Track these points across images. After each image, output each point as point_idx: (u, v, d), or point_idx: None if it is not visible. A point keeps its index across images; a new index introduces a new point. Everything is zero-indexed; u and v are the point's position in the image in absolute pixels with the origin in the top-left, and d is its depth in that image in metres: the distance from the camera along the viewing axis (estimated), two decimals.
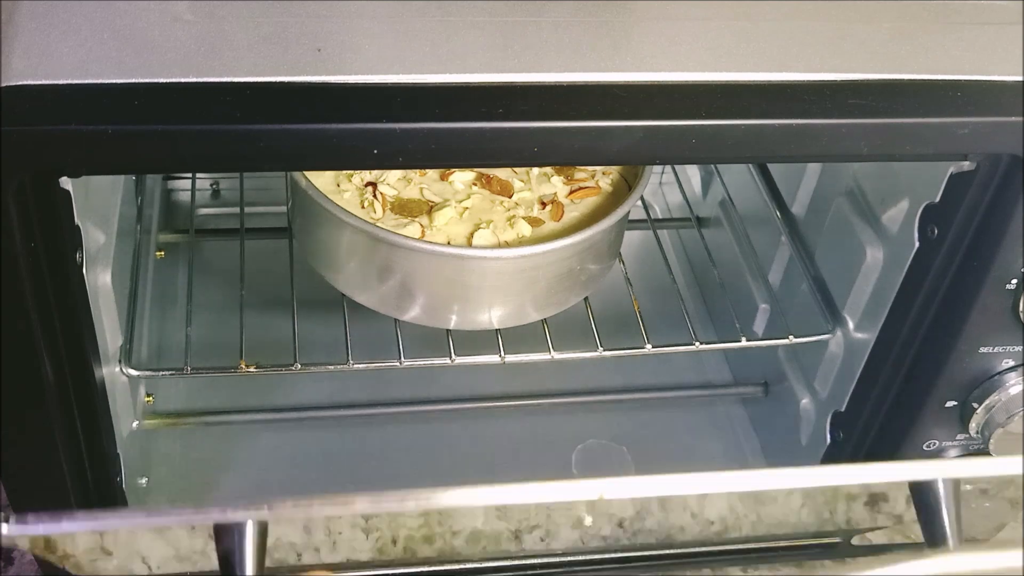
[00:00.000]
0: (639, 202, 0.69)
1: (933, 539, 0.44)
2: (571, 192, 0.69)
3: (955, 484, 0.44)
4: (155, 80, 0.42)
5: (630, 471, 0.78)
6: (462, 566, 0.71)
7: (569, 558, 0.72)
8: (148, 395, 0.75)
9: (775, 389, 0.80)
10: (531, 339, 0.69)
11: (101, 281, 0.58)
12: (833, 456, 0.70)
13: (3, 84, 0.41)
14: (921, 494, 0.45)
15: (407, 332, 0.68)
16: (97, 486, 0.57)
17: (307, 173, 0.64)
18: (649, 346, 0.70)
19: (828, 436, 0.70)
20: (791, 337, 0.70)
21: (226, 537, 0.38)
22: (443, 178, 0.69)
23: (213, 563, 0.40)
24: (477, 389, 0.81)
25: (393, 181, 0.68)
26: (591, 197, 0.69)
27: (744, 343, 0.72)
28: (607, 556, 0.73)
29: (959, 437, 0.63)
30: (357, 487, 0.40)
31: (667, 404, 0.84)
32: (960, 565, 0.42)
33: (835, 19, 0.51)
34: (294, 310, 0.69)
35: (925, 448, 0.64)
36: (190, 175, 0.87)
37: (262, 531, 0.39)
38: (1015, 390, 0.59)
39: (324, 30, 0.46)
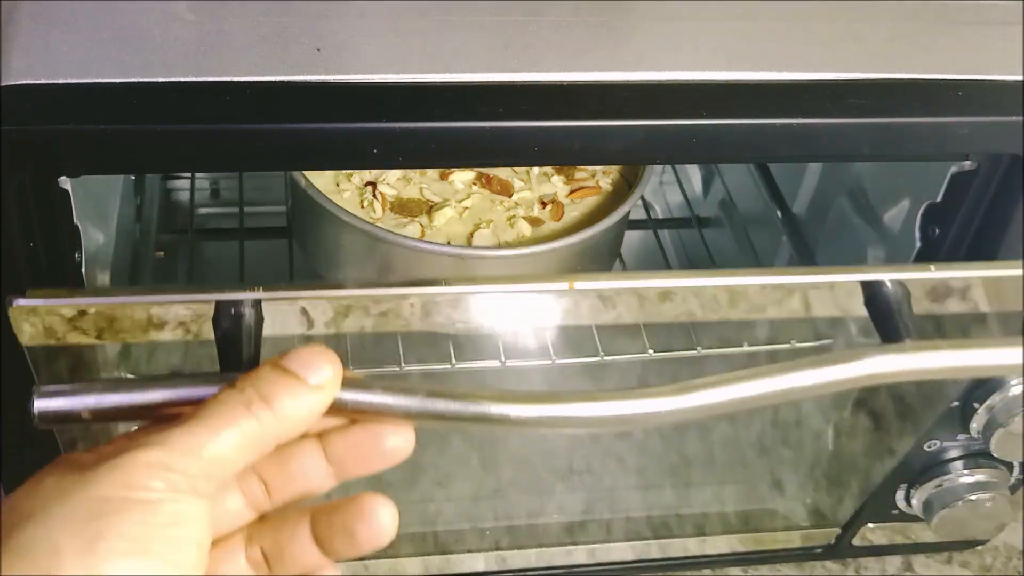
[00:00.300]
0: (639, 202, 0.69)
1: (888, 337, 0.47)
2: (571, 192, 0.69)
3: (903, 287, 0.48)
4: (155, 80, 0.42)
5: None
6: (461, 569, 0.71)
7: (569, 561, 0.72)
8: None
9: None
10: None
11: (101, 281, 0.58)
12: None
13: (3, 84, 0.41)
14: (873, 298, 0.49)
15: (407, 335, 0.68)
16: None
17: (307, 173, 0.64)
18: (651, 351, 0.69)
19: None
20: (793, 342, 0.70)
21: (224, 320, 0.41)
22: (443, 178, 0.69)
23: None
24: None
25: (393, 181, 0.68)
26: (591, 197, 0.69)
27: (746, 348, 0.71)
28: (607, 557, 0.73)
29: (960, 437, 0.63)
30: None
31: None
32: (916, 361, 0.45)
33: (835, 19, 0.51)
34: None
35: (926, 448, 0.63)
36: (190, 175, 0.87)
37: (258, 315, 0.42)
38: (1016, 390, 0.59)
39: (324, 30, 0.46)
